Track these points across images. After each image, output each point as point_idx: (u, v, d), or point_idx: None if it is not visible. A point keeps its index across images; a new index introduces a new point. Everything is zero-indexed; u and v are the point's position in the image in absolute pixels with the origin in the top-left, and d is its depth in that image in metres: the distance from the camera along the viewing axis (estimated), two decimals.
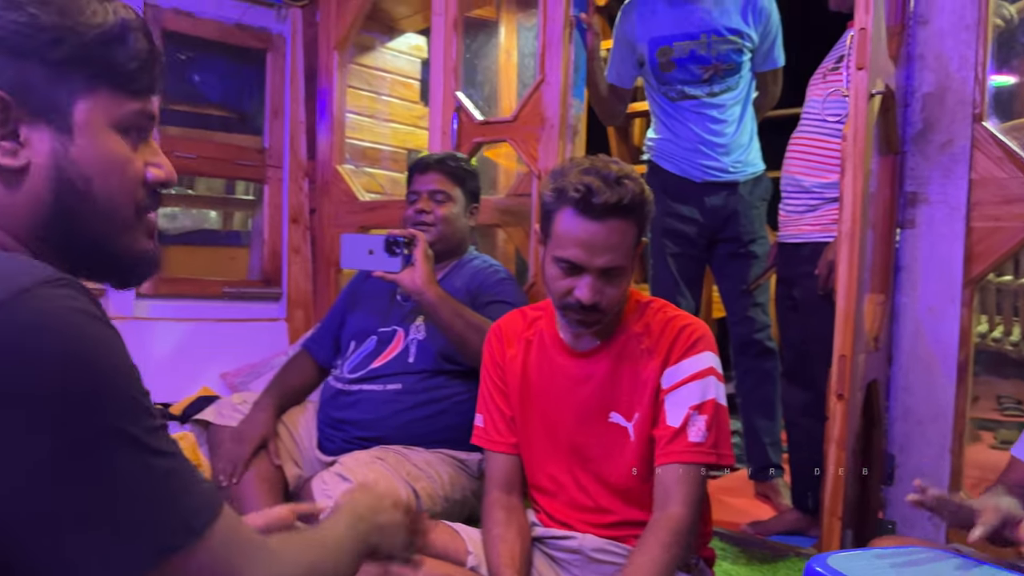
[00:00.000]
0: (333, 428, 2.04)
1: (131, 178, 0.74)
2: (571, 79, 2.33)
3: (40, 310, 0.58)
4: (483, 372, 1.55)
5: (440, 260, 2.08)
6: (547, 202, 1.34)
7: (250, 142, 3.30)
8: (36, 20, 0.68)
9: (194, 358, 2.99)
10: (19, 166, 0.69)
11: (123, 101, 0.73)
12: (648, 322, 1.40)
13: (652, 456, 1.37)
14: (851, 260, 1.37)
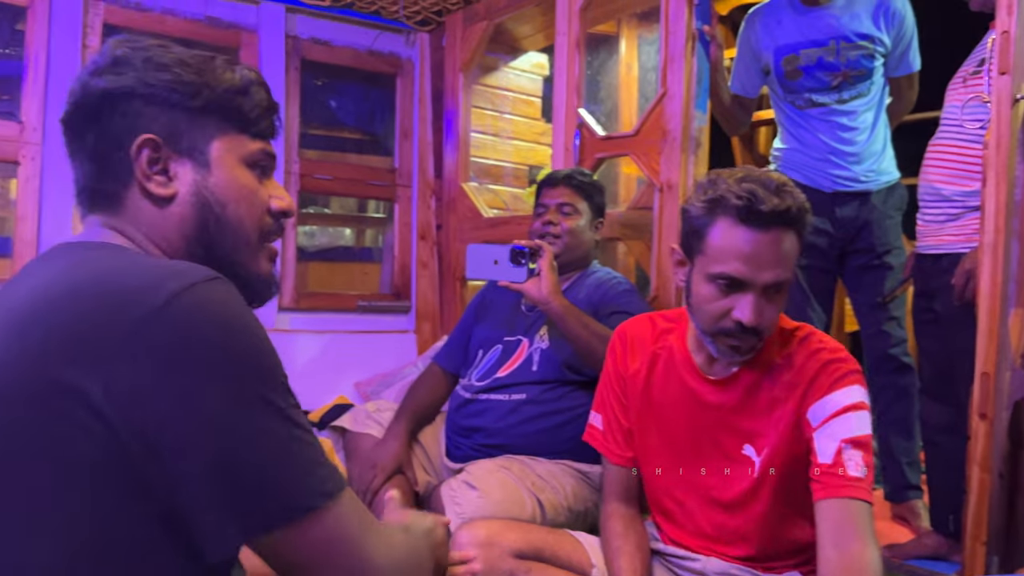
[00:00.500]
0: (461, 436, 2.11)
1: (258, 205, 0.88)
2: (694, 91, 2.33)
3: (209, 298, 0.70)
4: (603, 376, 1.51)
5: (564, 272, 2.12)
6: (696, 216, 1.24)
7: (382, 163, 3.47)
8: (180, 78, 0.83)
9: (331, 368, 3.16)
10: (169, 194, 0.84)
11: (248, 141, 0.87)
12: (791, 353, 1.30)
13: (788, 492, 1.30)
14: (994, 272, 1.31)
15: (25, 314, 0.71)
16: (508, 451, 2.02)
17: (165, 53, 0.85)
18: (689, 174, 2.32)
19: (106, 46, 0.86)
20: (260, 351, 0.72)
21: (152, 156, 0.83)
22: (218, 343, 0.69)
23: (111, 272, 0.73)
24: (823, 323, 2.46)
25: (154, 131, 0.82)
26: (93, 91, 0.83)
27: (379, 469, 2.08)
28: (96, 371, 0.66)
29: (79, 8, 2.74)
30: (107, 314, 0.68)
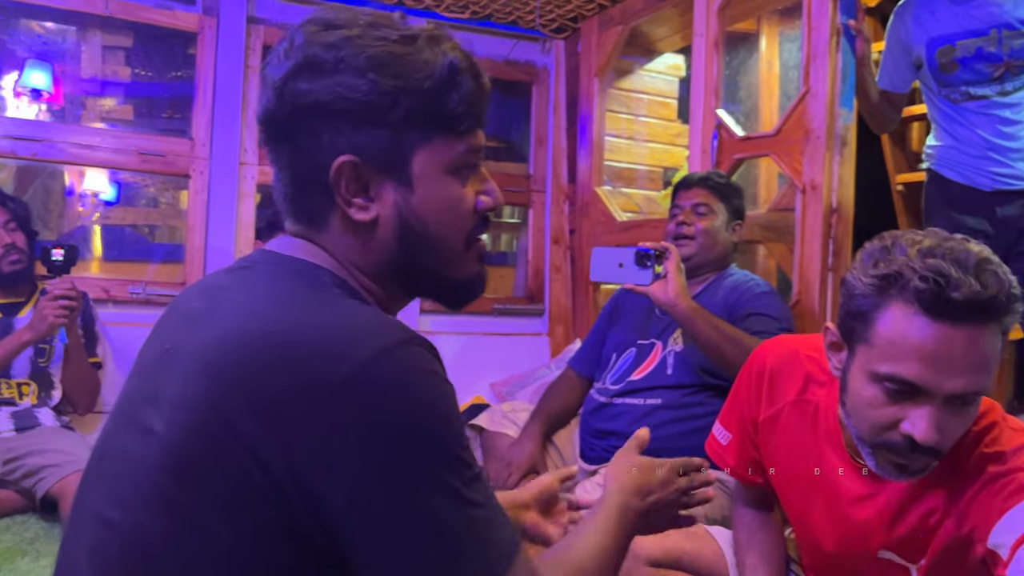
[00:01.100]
0: (595, 438, 2.13)
1: (463, 213, 0.81)
2: (838, 88, 2.24)
3: (396, 372, 0.67)
4: (736, 394, 1.36)
5: (699, 274, 2.11)
6: (862, 294, 0.99)
7: (517, 169, 3.54)
8: (377, 86, 0.74)
9: (468, 368, 3.25)
10: (370, 219, 0.78)
11: (453, 143, 0.79)
12: (957, 451, 1.03)
13: None
14: None
15: (217, 355, 0.70)
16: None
17: (361, 50, 0.75)
18: (834, 174, 2.24)
19: (298, 37, 0.77)
20: (442, 427, 0.69)
21: (351, 179, 0.76)
22: (397, 421, 0.66)
23: (299, 322, 0.70)
24: None
25: (352, 150, 0.75)
26: (286, 99, 0.76)
27: (514, 468, 2.13)
28: (275, 431, 0.66)
29: (242, 32, 2.96)
30: (295, 375, 0.66)
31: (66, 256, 2.27)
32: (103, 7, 2.79)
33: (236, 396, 0.67)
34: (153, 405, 0.73)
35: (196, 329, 0.74)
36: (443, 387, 0.70)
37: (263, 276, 0.79)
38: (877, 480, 1.10)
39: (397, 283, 0.82)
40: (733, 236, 2.15)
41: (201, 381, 0.69)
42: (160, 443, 0.70)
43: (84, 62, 3.14)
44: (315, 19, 0.78)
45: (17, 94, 3.13)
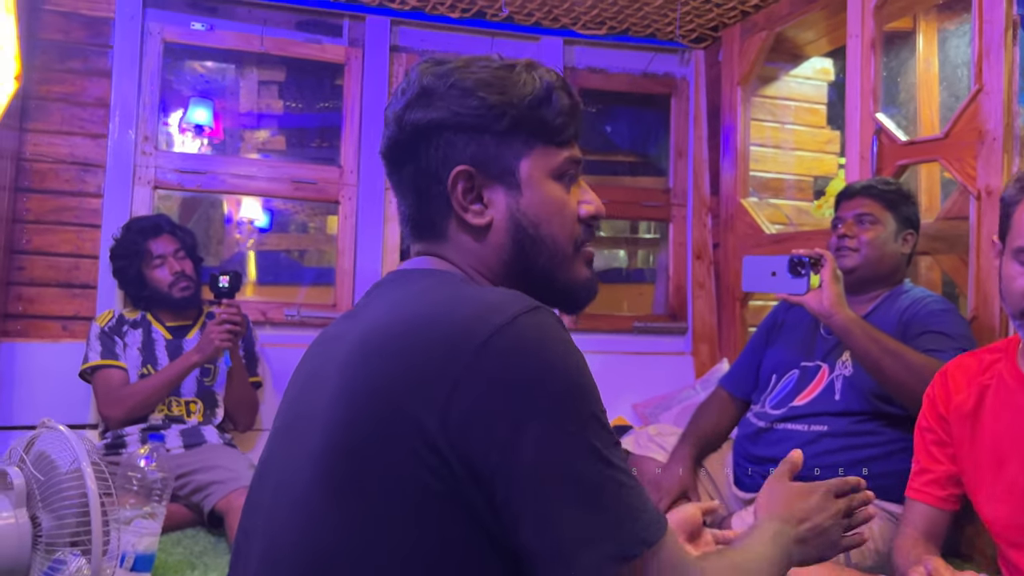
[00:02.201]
0: (753, 464, 2.02)
1: (569, 216, 0.87)
2: (1016, 85, 2.04)
3: (528, 333, 0.71)
4: (919, 420, 1.43)
5: (868, 290, 1.97)
6: (1006, 198, 1.24)
7: (655, 183, 3.46)
8: (485, 101, 0.83)
9: (609, 388, 3.14)
10: (486, 223, 0.86)
11: (554, 152, 0.87)
12: None
13: None
14: None
15: (369, 344, 0.76)
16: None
17: (468, 75, 0.84)
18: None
19: (413, 74, 0.87)
20: (580, 387, 0.71)
21: (467, 186, 0.85)
22: (537, 380, 0.69)
23: (439, 305, 0.76)
24: None
25: (466, 161, 0.84)
26: (406, 126, 0.85)
27: (664, 493, 2.06)
28: (431, 403, 0.69)
29: (386, 61, 3.06)
30: (438, 349, 0.71)
31: (231, 282, 2.40)
32: (259, 44, 2.95)
33: (392, 378, 0.71)
34: (308, 419, 0.78)
35: (340, 344, 0.81)
36: (576, 350, 0.74)
37: (397, 285, 0.85)
38: None
39: (513, 285, 0.85)
40: (904, 248, 1.99)
41: (355, 373, 0.74)
42: (323, 443, 0.74)
43: (242, 97, 3.34)
44: (428, 60, 0.88)
45: (182, 130, 3.36)
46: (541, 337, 0.71)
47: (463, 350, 0.69)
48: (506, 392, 0.68)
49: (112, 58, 2.80)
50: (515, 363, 0.69)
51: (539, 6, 2.98)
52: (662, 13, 3.02)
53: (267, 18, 2.96)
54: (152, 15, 2.87)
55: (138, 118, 2.83)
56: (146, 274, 2.48)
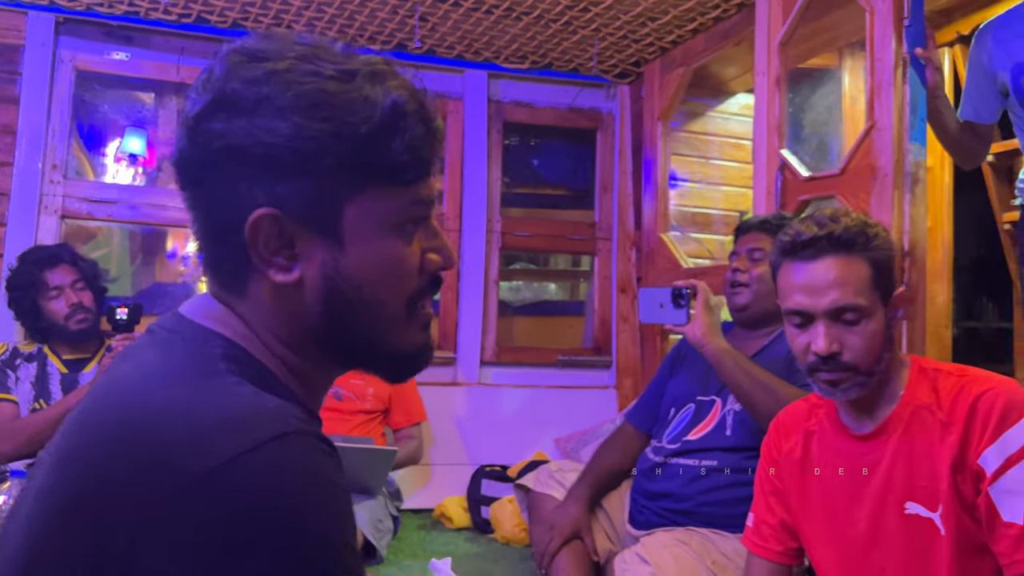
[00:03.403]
0: (646, 499, 2.00)
1: (406, 274, 0.70)
2: (907, 122, 2.06)
3: (268, 466, 0.58)
4: (758, 469, 1.44)
5: (764, 325, 1.96)
6: (772, 261, 1.31)
7: (583, 217, 3.47)
8: (302, 131, 0.63)
9: (531, 423, 3.16)
10: (293, 281, 0.67)
11: (395, 195, 0.68)
12: (937, 390, 1.22)
13: (978, 553, 1.16)
14: None
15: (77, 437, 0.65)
16: (695, 520, 1.88)
17: (288, 86, 0.64)
18: (904, 213, 2.05)
19: (218, 67, 0.66)
20: (312, 537, 0.59)
21: (272, 234, 0.66)
22: (260, 526, 0.57)
23: (173, 401, 0.62)
24: None
25: (272, 203, 0.64)
26: (198, 140, 0.66)
27: (556, 532, 2.01)
28: (129, 533, 0.57)
29: None
30: (152, 471, 0.58)
31: (130, 315, 2.34)
32: (175, 74, 2.92)
33: (97, 493, 0.59)
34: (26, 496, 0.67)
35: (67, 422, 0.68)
36: (321, 487, 0.60)
37: (157, 348, 0.70)
38: (876, 438, 1.25)
39: (327, 354, 0.71)
40: None
41: (57, 469, 0.63)
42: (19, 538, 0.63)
43: (161, 127, 3.29)
44: (241, 47, 0.67)
45: (117, 159, 3.31)
46: (276, 474, 0.58)
47: (177, 480, 0.56)
48: (218, 532, 0.56)
49: (20, 85, 2.76)
50: (235, 502, 0.56)
51: (459, 39, 2.99)
52: (582, 48, 3.04)
53: (184, 47, 2.94)
54: (65, 43, 2.84)
55: (46, 146, 2.78)
56: (42, 305, 2.42)
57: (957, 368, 1.26)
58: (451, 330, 3.20)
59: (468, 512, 2.76)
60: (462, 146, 3.23)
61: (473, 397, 3.17)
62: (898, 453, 1.22)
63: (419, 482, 2.98)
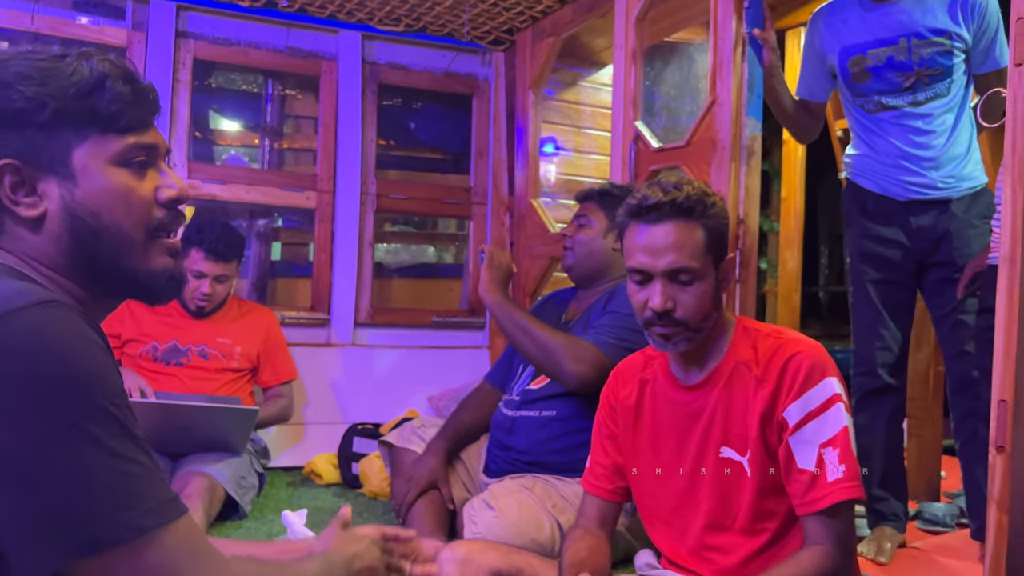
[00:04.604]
0: (500, 450, 2.12)
1: (138, 204, 0.86)
2: (744, 98, 2.22)
3: (23, 328, 0.71)
4: (596, 415, 1.55)
5: (593, 283, 2.10)
6: (620, 222, 1.40)
7: (459, 181, 3.53)
8: (22, 94, 0.81)
9: (405, 383, 3.24)
10: (38, 215, 0.83)
11: (115, 140, 0.85)
12: (756, 348, 1.35)
13: (775, 493, 1.31)
14: (1011, 289, 1.16)
15: None
16: (540, 468, 2.01)
17: (6, 68, 0.83)
18: (740, 185, 2.22)
19: None
20: (75, 379, 0.71)
21: (15, 180, 0.83)
22: (23, 375, 0.69)
23: None
24: (898, 342, 2.27)
25: (10, 155, 0.82)
26: None
27: (413, 483, 2.11)
28: None
29: (171, 48, 2.97)
30: None
31: None
32: (30, 23, 2.80)
33: None
34: None
35: None
36: (84, 344, 0.74)
37: None
38: (702, 389, 1.37)
39: (87, 279, 0.86)
40: (616, 244, 2.11)
41: None
42: None
43: None
44: None
45: None
46: (40, 331, 0.71)
47: None
48: None
49: None
50: (3, 356, 0.69)
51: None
52: (455, 13, 3.08)
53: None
54: None
55: None
56: None
57: (775, 330, 1.39)
58: (324, 291, 3.23)
59: (338, 469, 2.82)
60: (336, 107, 3.23)
61: (347, 358, 3.22)
62: (719, 402, 1.35)
63: (290, 440, 3.02)
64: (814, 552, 1.23)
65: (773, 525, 1.32)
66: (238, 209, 3.29)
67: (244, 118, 3.52)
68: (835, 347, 3.33)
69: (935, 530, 2.46)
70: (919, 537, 2.40)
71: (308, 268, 3.32)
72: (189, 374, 2.54)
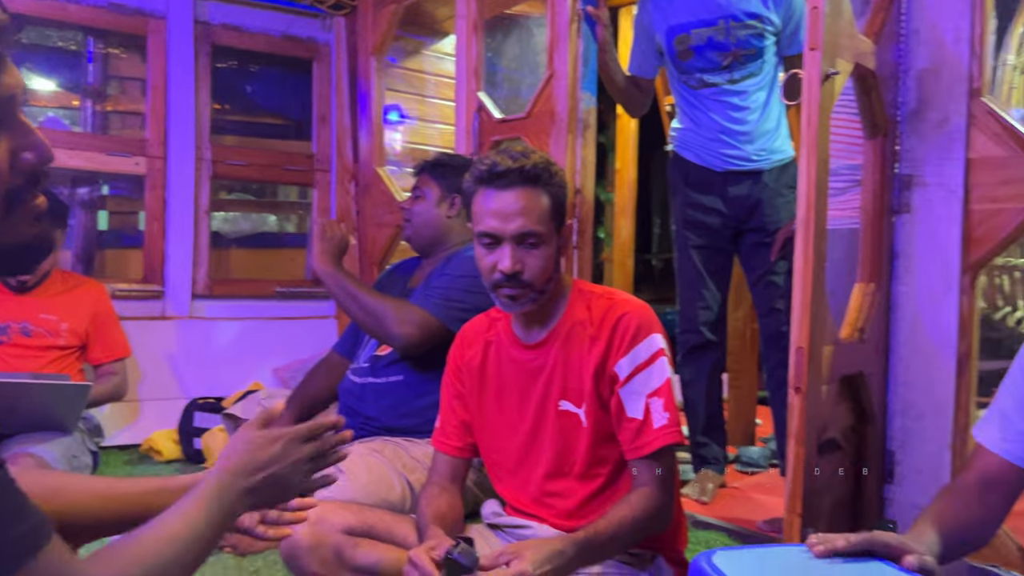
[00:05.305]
0: (349, 416, 2.13)
1: None
2: (580, 72, 2.32)
3: None
4: (444, 376, 1.59)
5: (432, 251, 2.15)
6: (467, 188, 1.42)
7: (300, 148, 3.45)
8: None
9: (248, 355, 3.16)
10: None
11: None
12: (590, 309, 1.42)
13: (608, 441, 1.40)
14: (806, 249, 1.32)
15: None
16: (390, 432, 2.04)
17: None
18: (577, 156, 2.33)
19: None
20: None
21: None
22: None
23: None
24: (718, 302, 2.48)
25: None
26: None
27: None
28: None
29: None
30: None
31: None
32: None
33: None
34: None
35: None
36: None
37: None
38: (542, 348, 1.43)
39: None
40: (451, 211, 2.16)
41: None
42: None
43: None
44: None
45: None
46: None
47: None
48: None
49: None
50: None
51: None
52: None
53: None
54: None
55: None
56: None
57: (606, 291, 1.47)
58: (157, 262, 3.08)
59: (179, 444, 2.74)
60: (165, 68, 3.07)
61: (184, 331, 3.10)
62: (557, 360, 1.42)
63: (126, 418, 2.89)
64: (640, 494, 1.33)
65: (606, 470, 1.42)
66: (58, 175, 3.06)
67: (62, 78, 3.26)
68: (666, 310, 3.56)
69: (751, 471, 2.73)
70: (738, 478, 2.65)
71: (139, 238, 3.15)
72: (11, 352, 2.37)
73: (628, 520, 1.29)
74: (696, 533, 2.01)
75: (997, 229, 1.52)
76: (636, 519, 1.30)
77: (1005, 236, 1.52)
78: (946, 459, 1.61)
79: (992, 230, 1.52)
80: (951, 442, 1.60)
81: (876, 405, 1.66)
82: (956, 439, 1.60)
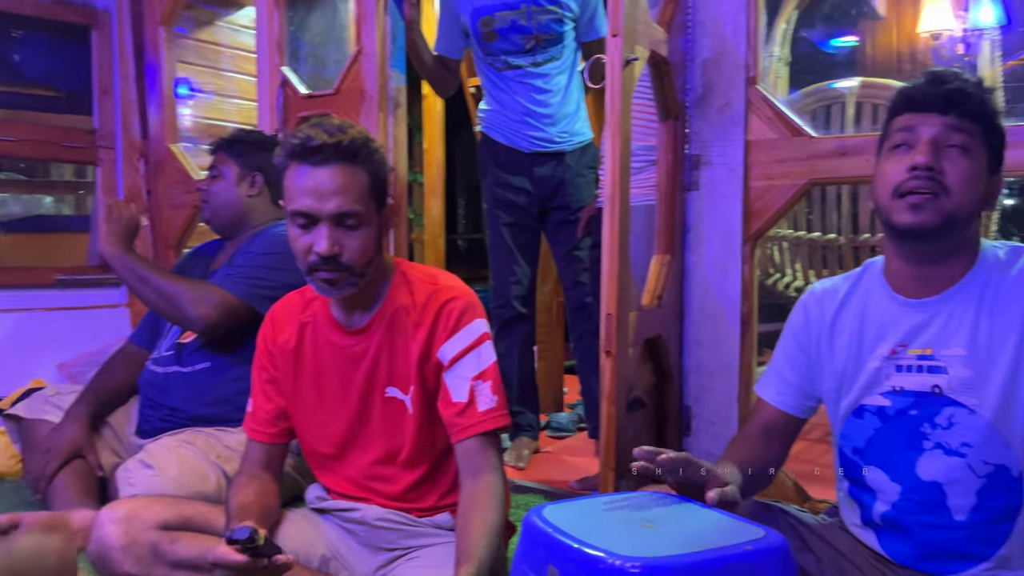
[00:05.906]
0: (151, 409, 2.01)
1: None
2: (389, 50, 2.32)
3: None
4: (254, 360, 1.52)
5: (232, 234, 2.07)
6: (277, 167, 1.33)
7: (79, 122, 3.16)
8: None
9: (27, 350, 2.88)
10: None
11: None
12: (413, 294, 1.40)
13: (434, 427, 1.40)
14: (612, 223, 1.43)
15: None
16: (199, 423, 1.95)
17: None
18: (388, 134, 2.33)
19: None
20: None
21: None
22: None
23: None
24: (528, 276, 2.58)
25: None
26: None
27: (52, 455, 1.93)
28: None
29: None
30: None
31: None
32: None
33: None
34: None
35: None
36: None
37: None
38: (364, 334, 1.40)
39: None
40: (252, 190, 2.09)
41: None
42: None
43: None
44: None
45: None
46: None
47: None
48: None
49: None
50: None
51: None
52: None
53: None
54: None
55: None
56: None
57: (430, 276, 1.43)
58: None
59: None
60: None
61: None
62: (382, 346, 1.38)
63: None
64: (484, 485, 1.31)
65: (432, 457, 1.42)
66: None
67: None
68: (476, 288, 3.64)
69: (561, 436, 2.89)
70: (549, 443, 2.79)
71: None
72: None
73: (493, 523, 1.28)
74: (517, 497, 2.10)
75: (772, 203, 1.72)
76: (500, 516, 1.30)
77: (778, 209, 1.72)
78: (734, 411, 1.81)
79: (768, 204, 1.72)
80: (738, 395, 1.80)
81: (673, 365, 1.82)
82: (742, 392, 1.79)
